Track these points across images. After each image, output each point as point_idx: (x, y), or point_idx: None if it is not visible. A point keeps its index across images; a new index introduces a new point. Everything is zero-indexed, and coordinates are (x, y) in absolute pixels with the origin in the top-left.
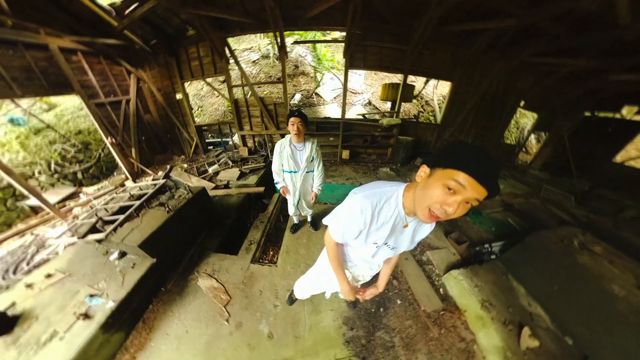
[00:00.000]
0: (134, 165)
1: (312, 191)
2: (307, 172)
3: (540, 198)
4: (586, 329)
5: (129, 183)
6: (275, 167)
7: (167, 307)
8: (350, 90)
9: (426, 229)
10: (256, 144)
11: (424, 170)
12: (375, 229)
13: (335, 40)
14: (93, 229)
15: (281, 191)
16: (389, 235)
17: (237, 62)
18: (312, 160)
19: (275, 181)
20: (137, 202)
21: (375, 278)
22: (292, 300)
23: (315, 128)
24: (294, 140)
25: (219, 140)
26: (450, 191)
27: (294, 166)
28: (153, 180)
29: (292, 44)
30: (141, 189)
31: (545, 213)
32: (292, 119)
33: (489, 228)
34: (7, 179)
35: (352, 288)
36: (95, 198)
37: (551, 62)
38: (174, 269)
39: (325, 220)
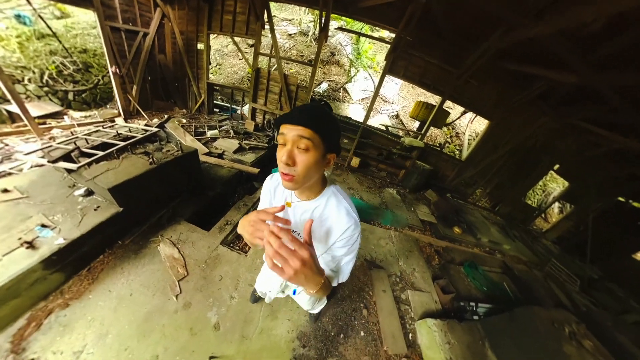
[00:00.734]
0: (131, 104)
1: None
2: None
3: (544, 271)
4: None
5: (120, 120)
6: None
7: (118, 262)
8: (381, 97)
9: (335, 224)
10: (265, 121)
11: None
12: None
13: (381, 40)
14: (67, 157)
15: None
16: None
17: (272, 30)
18: None
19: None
20: (122, 144)
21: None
22: (255, 297)
23: None
24: None
25: (228, 105)
26: (283, 146)
27: None
28: (146, 125)
29: (335, 28)
30: (130, 131)
31: (545, 289)
32: None
33: (481, 286)
34: None
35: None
36: (79, 125)
37: (600, 133)
38: (137, 225)
39: None
